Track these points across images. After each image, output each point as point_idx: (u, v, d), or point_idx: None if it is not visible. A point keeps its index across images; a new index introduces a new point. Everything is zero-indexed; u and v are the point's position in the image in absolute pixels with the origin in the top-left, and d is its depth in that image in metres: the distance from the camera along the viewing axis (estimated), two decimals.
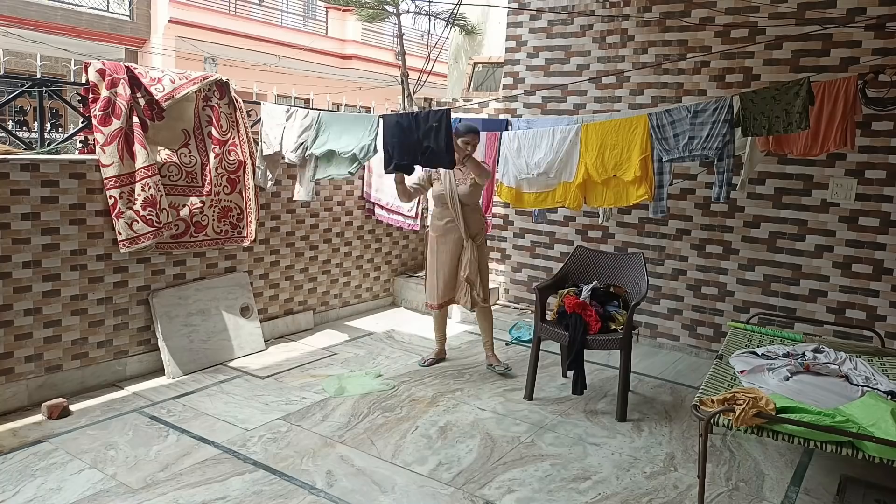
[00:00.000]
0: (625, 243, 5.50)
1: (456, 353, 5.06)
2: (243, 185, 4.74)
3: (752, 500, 3.10)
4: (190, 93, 4.34)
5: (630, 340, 3.92)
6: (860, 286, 4.61)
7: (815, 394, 2.95)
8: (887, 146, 4.45)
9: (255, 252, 5.08)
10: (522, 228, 6.10)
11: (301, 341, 5.22)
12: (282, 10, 17.36)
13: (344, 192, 5.79)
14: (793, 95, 3.60)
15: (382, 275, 6.31)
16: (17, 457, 3.26)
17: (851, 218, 4.61)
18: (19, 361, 3.81)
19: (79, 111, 4.23)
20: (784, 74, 4.68)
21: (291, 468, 3.24)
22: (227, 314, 4.78)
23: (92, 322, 4.12)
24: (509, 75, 6.05)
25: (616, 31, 5.42)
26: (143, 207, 4.08)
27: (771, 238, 4.89)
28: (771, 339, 3.93)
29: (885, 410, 2.65)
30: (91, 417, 3.73)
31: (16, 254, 3.74)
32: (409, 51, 6.71)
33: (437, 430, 3.71)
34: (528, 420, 3.88)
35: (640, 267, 4.26)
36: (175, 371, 4.37)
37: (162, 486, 3.05)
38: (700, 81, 5.06)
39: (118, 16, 14.20)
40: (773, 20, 4.73)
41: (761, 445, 3.60)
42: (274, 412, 3.88)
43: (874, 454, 2.52)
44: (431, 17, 7.24)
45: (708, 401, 2.82)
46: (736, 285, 5.04)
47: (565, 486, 3.17)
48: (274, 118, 4.83)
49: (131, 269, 4.29)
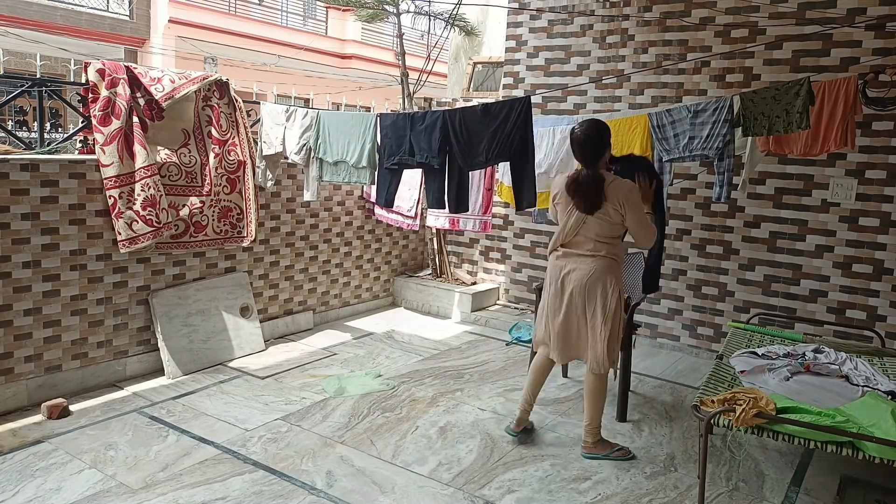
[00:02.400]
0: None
1: (456, 353, 5.06)
2: (243, 185, 4.74)
3: (752, 500, 3.10)
4: (190, 93, 4.34)
5: (630, 341, 3.91)
6: (860, 286, 4.61)
7: (815, 394, 2.95)
8: (887, 146, 4.45)
9: (254, 252, 5.08)
10: (522, 228, 6.09)
11: (301, 341, 5.22)
12: (282, 10, 17.35)
13: (344, 192, 5.79)
14: (793, 95, 3.60)
15: (382, 275, 6.31)
16: (16, 457, 3.26)
17: (852, 218, 4.61)
18: (19, 361, 3.80)
19: (79, 111, 4.23)
20: (784, 74, 4.68)
21: (291, 468, 3.24)
22: (227, 314, 4.78)
23: (92, 322, 4.11)
24: (509, 75, 6.05)
25: (616, 30, 5.42)
26: (143, 207, 4.07)
27: (771, 238, 4.88)
28: (771, 339, 3.93)
29: (885, 410, 2.65)
30: (91, 417, 3.73)
31: (16, 254, 3.74)
32: (409, 51, 6.70)
33: (437, 431, 3.70)
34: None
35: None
36: (175, 371, 4.36)
37: (162, 486, 3.04)
38: (700, 81, 5.05)
39: (118, 16, 14.19)
40: (774, 20, 4.72)
41: (761, 445, 3.60)
42: (274, 412, 3.87)
43: (874, 454, 2.52)
44: (431, 17, 7.23)
45: (708, 401, 2.81)
46: (736, 285, 5.04)
47: (565, 486, 3.16)
48: (274, 118, 4.84)
49: (131, 269, 4.29)
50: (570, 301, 3.35)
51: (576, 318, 3.37)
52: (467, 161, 4.02)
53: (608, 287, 3.29)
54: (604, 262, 3.30)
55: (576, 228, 3.34)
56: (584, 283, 3.30)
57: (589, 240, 3.32)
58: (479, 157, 4.00)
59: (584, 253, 3.34)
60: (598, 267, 3.29)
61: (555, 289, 3.42)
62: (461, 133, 3.99)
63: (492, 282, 6.33)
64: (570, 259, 3.37)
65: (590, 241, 3.32)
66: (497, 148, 3.93)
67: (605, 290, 3.29)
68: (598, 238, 3.30)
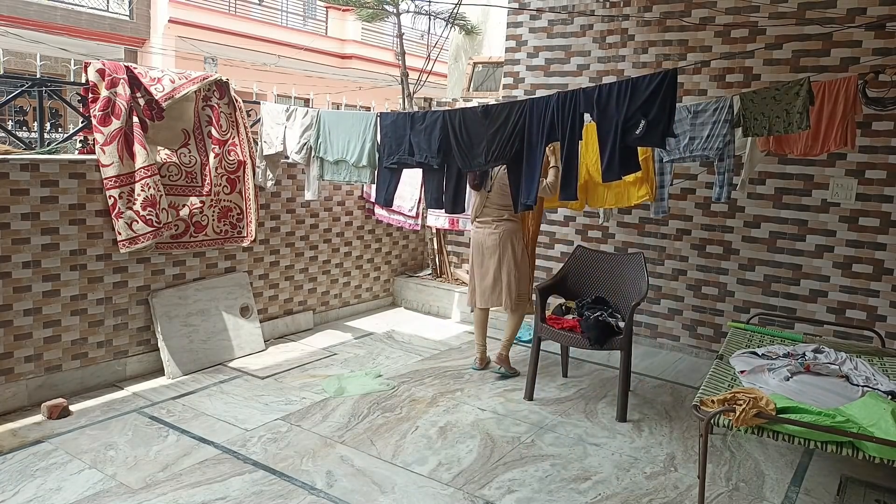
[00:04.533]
0: (625, 243, 5.50)
1: (456, 353, 5.06)
2: (243, 185, 4.74)
3: (752, 500, 3.10)
4: (190, 93, 4.34)
5: (630, 341, 3.91)
6: (860, 286, 4.61)
7: (815, 394, 2.94)
8: (888, 146, 4.45)
9: (254, 252, 5.08)
10: None
11: (301, 341, 5.22)
12: (282, 10, 17.35)
13: (344, 191, 5.79)
14: (793, 95, 3.60)
15: (382, 275, 6.31)
16: (16, 457, 3.26)
17: (852, 218, 4.61)
18: (19, 361, 3.80)
19: (79, 111, 4.23)
20: (784, 74, 4.68)
21: (291, 468, 3.24)
22: (227, 314, 4.78)
23: (92, 322, 4.11)
24: (509, 75, 6.05)
25: (616, 30, 5.42)
26: (143, 207, 4.07)
27: (771, 238, 4.88)
28: (771, 339, 3.93)
29: (885, 410, 2.65)
30: (91, 417, 3.73)
31: (16, 254, 3.74)
32: (409, 51, 6.70)
33: (437, 431, 3.70)
34: (529, 420, 3.88)
35: (641, 267, 4.26)
36: (175, 371, 4.36)
37: (162, 486, 3.04)
38: (700, 81, 5.05)
39: (118, 16, 14.19)
40: (774, 20, 4.72)
41: (761, 445, 3.60)
42: (274, 412, 3.87)
43: (874, 454, 2.52)
44: (431, 16, 7.23)
45: (708, 401, 2.81)
46: (736, 285, 5.04)
47: (565, 486, 3.16)
48: (274, 117, 4.83)
49: (131, 269, 4.29)
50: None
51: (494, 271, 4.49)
52: (467, 162, 4.02)
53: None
54: (508, 226, 4.44)
55: (482, 204, 4.48)
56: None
57: (494, 209, 4.44)
58: (478, 159, 4.00)
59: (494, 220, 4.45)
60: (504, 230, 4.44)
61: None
62: (461, 134, 3.98)
63: None
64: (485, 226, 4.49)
65: (494, 210, 4.44)
66: (497, 150, 3.92)
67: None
68: (499, 208, 4.42)
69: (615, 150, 3.54)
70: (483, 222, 4.51)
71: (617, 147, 3.52)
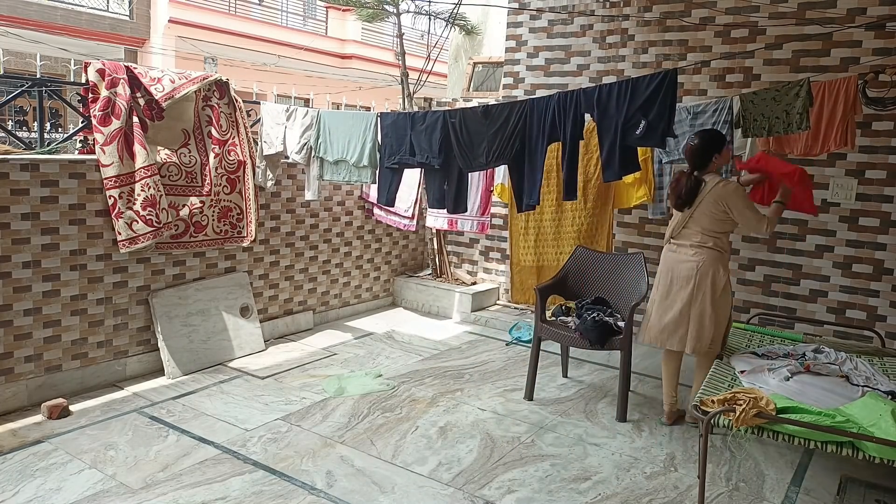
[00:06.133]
0: (625, 243, 5.50)
1: (456, 353, 5.06)
2: (243, 185, 4.74)
3: (752, 500, 3.10)
4: (190, 93, 4.34)
5: (630, 341, 3.92)
6: (860, 286, 4.61)
7: (815, 394, 2.94)
8: (888, 146, 4.45)
9: (254, 252, 5.08)
10: None
11: (301, 341, 5.22)
12: (282, 10, 17.35)
13: (344, 191, 5.79)
14: (793, 96, 3.60)
15: (382, 275, 6.31)
16: (16, 457, 3.26)
17: (852, 218, 4.61)
18: (19, 361, 3.80)
19: (79, 111, 4.23)
20: (784, 74, 4.68)
21: (291, 468, 3.24)
22: (227, 314, 4.78)
23: (92, 322, 4.11)
24: (509, 75, 6.05)
25: (616, 30, 5.42)
26: (143, 207, 4.07)
27: (771, 238, 4.88)
28: (771, 339, 3.92)
29: (885, 410, 2.65)
30: (91, 417, 3.73)
31: (16, 254, 3.74)
32: (409, 51, 6.69)
33: (437, 431, 3.70)
34: (529, 420, 3.88)
35: (641, 267, 4.26)
36: (175, 371, 4.36)
37: (162, 486, 3.04)
38: (700, 81, 5.05)
39: (118, 16, 14.19)
40: (774, 20, 4.72)
41: (761, 445, 3.60)
42: (274, 412, 3.87)
43: (874, 454, 2.52)
44: (431, 16, 7.23)
45: (708, 401, 2.81)
46: (736, 285, 5.04)
47: (565, 486, 3.16)
48: (274, 117, 4.84)
49: (131, 269, 4.29)
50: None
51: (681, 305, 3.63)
52: (468, 163, 4.02)
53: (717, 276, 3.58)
54: (710, 254, 3.57)
55: (682, 224, 3.65)
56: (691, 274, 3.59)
57: (696, 233, 3.60)
58: (479, 159, 4.00)
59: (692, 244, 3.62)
60: (705, 258, 3.57)
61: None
62: (462, 134, 3.98)
63: (492, 282, 6.33)
64: (679, 250, 3.68)
65: (697, 233, 3.60)
66: (497, 150, 3.93)
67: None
68: (703, 232, 3.58)
69: (615, 150, 3.55)
70: (679, 245, 3.68)
71: (617, 147, 3.53)
